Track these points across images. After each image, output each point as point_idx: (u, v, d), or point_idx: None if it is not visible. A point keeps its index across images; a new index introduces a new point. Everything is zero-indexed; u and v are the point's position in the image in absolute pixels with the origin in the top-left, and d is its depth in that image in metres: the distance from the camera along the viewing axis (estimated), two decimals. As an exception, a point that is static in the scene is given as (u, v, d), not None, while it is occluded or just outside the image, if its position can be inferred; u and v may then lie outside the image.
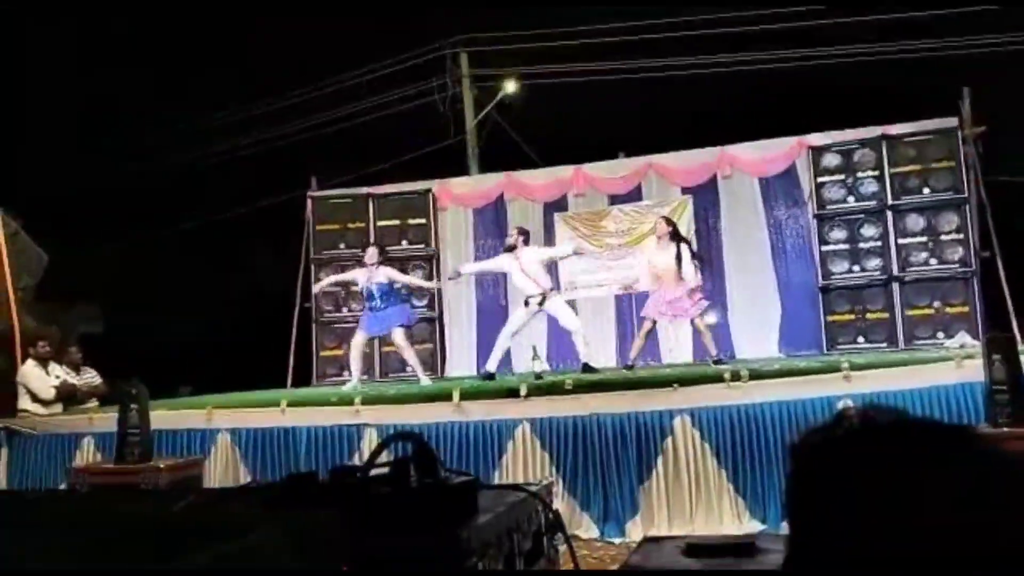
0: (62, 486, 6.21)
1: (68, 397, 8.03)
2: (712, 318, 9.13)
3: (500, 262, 8.17)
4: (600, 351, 9.68)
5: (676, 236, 7.81)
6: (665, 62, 11.99)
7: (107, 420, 6.33)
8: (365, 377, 8.28)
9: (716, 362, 7.51)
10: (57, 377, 8.04)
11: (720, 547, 1.61)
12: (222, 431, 6.49)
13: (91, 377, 8.53)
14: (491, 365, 7.89)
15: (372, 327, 8.11)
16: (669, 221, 8.08)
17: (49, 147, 13.55)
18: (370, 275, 7.98)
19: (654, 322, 7.92)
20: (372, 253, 8.10)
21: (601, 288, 9.84)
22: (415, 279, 9.14)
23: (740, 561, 1.51)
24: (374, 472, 1.48)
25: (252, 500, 1.54)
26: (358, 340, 8.16)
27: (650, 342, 9.62)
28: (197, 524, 1.50)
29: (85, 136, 14.39)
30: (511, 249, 7.91)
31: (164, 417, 6.43)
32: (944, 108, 9.11)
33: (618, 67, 12.34)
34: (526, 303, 7.79)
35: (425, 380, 7.99)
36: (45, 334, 8.32)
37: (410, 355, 8.15)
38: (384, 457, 1.53)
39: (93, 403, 8.11)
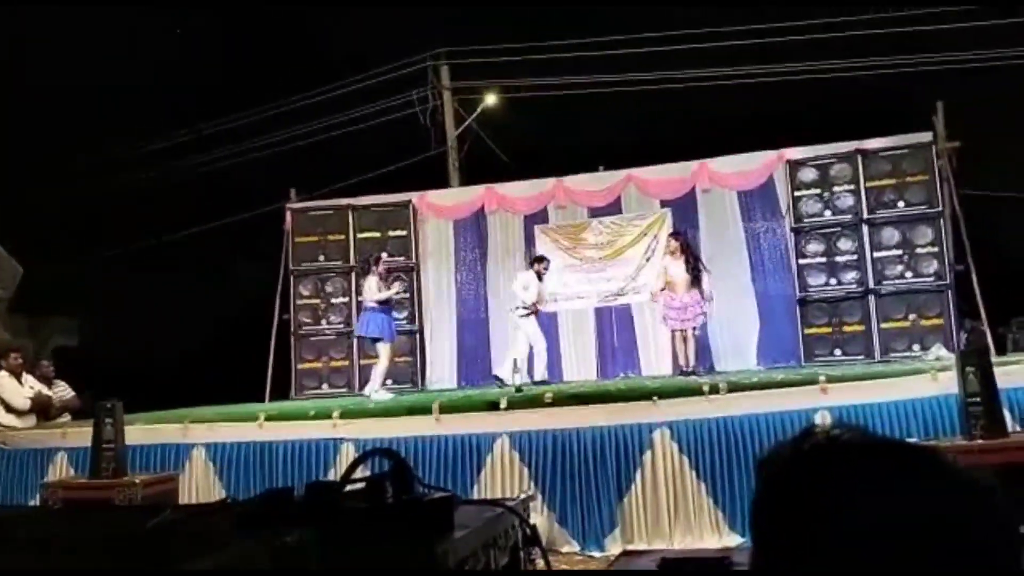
0: (34, 502, 6.11)
1: (43, 409, 7.90)
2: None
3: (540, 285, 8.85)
4: (580, 363, 9.72)
5: (686, 248, 8.26)
6: (645, 76, 12.07)
7: (81, 435, 6.24)
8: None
9: (689, 373, 7.67)
10: (31, 388, 7.90)
11: (693, 562, 1.62)
12: (198, 446, 6.42)
13: (63, 391, 8.38)
14: (539, 372, 8.51)
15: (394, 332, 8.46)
16: (678, 235, 8.51)
17: (26, 157, 13.41)
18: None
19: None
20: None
21: (581, 300, 9.86)
22: None
23: (714, 576, 1.52)
24: (350, 488, 1.48)
25: (227, 517, 1.53)
26: (390, 351, 8.36)
27: (629, 356, 9.71)
28: (170, 541, 1.49)
29: (63, 147, 14.25)
30: (543, 273, 8.83)
31: (139, 432, 6.35)
32: (918, 123, 9.25)
33: (598, 80, 12.42)
34: (533, 313, 8.69)
35: (381, 395, 7.96)
36: (18, 346, 8.19)
37: (383, 367, 8.17)
38: (363, 473, 1.52)
39: (65, 418, 7.99)
